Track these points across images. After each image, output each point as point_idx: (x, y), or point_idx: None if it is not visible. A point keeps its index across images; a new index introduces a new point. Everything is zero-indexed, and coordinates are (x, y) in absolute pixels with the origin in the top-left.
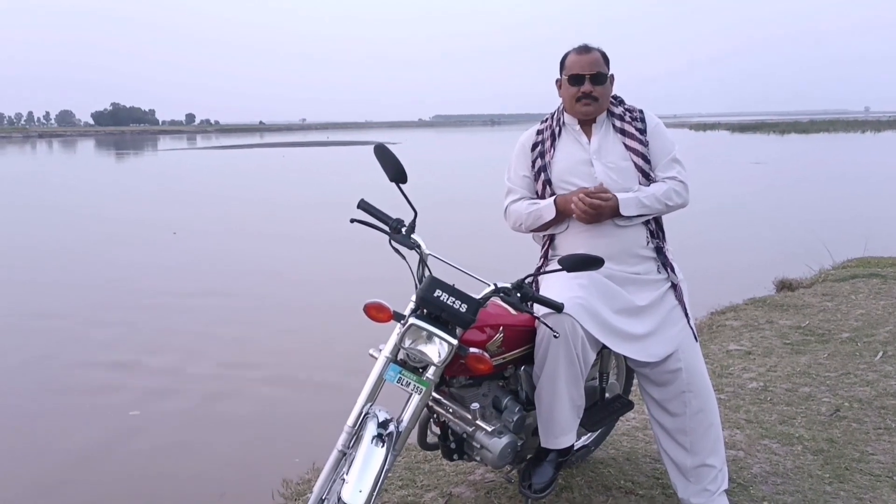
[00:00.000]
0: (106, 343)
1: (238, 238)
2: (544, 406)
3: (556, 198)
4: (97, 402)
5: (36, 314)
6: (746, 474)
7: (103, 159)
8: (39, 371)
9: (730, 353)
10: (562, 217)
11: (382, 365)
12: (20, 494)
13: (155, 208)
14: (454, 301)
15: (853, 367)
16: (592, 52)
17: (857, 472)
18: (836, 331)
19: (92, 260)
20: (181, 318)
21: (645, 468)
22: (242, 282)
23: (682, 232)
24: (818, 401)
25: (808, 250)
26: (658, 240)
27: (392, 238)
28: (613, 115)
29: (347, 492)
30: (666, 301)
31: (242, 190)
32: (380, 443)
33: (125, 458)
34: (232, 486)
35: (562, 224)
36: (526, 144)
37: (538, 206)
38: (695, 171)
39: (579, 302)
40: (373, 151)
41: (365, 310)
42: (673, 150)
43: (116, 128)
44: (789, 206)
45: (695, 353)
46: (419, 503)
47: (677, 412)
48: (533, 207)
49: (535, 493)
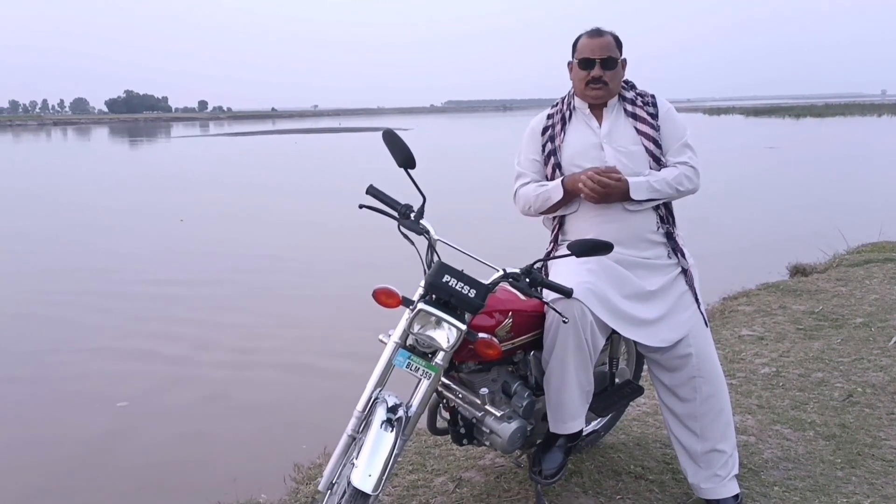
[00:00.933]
0: (113, 329)
1: (248, 224)
2: (553, 391)
3: (564, 178)
4: (106, 389)
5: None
6: (757, 459)
7: (116, 147)
8: (44, 357)
9: (742, 338)
10: (570, 197)
11: (391, 350)
12: (29, 484)
13: (167, 195)
14: (463, 286)
15: (866, 352)
16: (605, 36)
17: (870, 458)
18: (850, 316)
19: (96, 247)
20: (188, 304)
21: (655, 453)
22: (252, 268)
23: (695, 216)
24: (831, 386)
25: (823, 235)
26: (668, 225)
27: (401, 223)
28: (625, 100)
29: (357, 476)
30: (676, 286)
31: (255, 177)
32: (389, 427)
33: (136, 446)
34: (244, 472)
35: (571, 205)
36: (536, 128)
37: (546, 188)
38: (708, 156)
39: (588, 287)
40: (381, 137)
41: (374, 295)
42: (685, 135)
43: (130, 115)
44: (803, 191)
45: (705, 339)
46: (429, 487)
47: (687, 397)
48: (541, 189)
49: (546, 478)
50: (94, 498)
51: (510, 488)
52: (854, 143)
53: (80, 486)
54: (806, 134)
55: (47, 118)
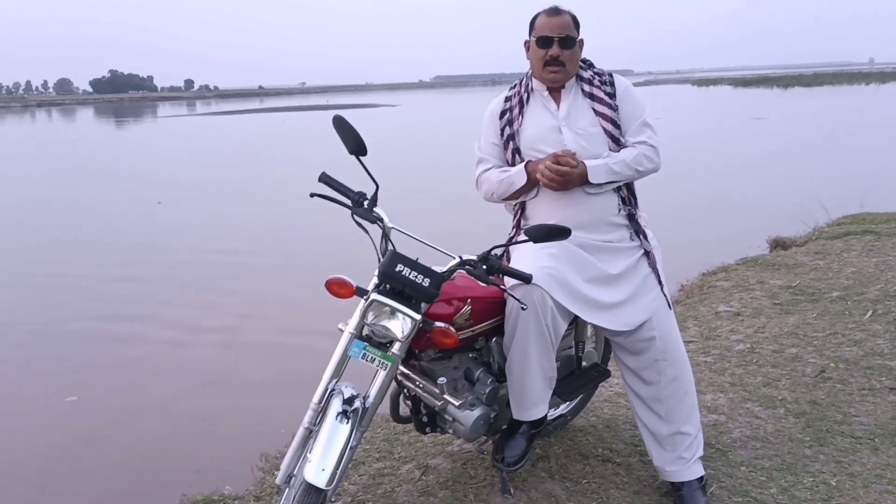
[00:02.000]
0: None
1: (231, 204)
2: (515, 378)
3: (527, 164)
4: (55, 382)
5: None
6: (726, 439)
7: (102, 128)
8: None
9: (719, 314)
10: (534, 183)
11: (346, 341)
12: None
13: (155, 175)
14: (416, 275)
15: (841, 326)
16: (563, 15)
17: (839, 435)
18: (827, 290)
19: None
20: (146, 286)
21: (624, 436)
22: (212, 257)
23: (676, 191)
24: (804, 362)
25: (805, 207)
26: (630, 206)
27: (354, 212)
28: (582, 80)
29: (310, 470)
30: (639, 269)
31: (239, 155)
32: (344, 419)
33: (93, 439)
34: (210, 462)
35: (532, 191)
36: (494, 112)
37: (509, 174)
38: (693, 128)
39: (549, 272)
40: (332, 123)
41: (327, 286)
42: (643, 113)
43: (115, 95)
44: (787, 163)
45: (669, 321)
46: (396, 475)
47: (652, 380)
48: (504, 175)
49: (508, 465)
50: (50, 495)
51: (476, 475)
52: (841, 112)
53: (33, 482)
54: (793, 104)
55: (31, 100)
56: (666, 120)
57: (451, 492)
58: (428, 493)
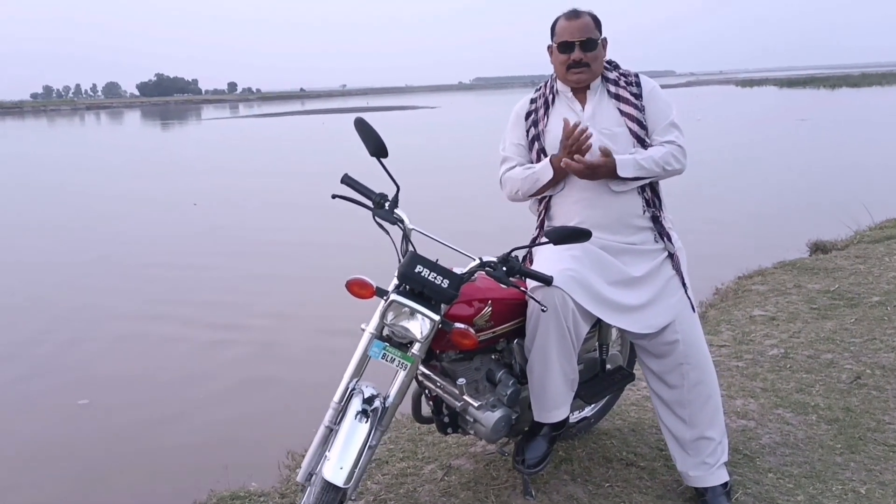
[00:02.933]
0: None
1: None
2: (536, 380)
3: (552, 157)
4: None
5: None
6: (755, 445)
7: (148, 130)
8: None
9: (753, 318)
10: (560, 177)
11: (367, 341)
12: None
13: (196, 179)
14: (436, 277)
15: (880, 332)
16: (582, 17)
17: (871, 443)
18: (866, 295)
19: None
20: (189, 286)
21: (649, 439)
22: (245, 253)
23: (715, 192)
24: (839, 367)
25: (849, 210)
26: (654, 208)
27: (375, 213)
28: (608, 81)
29: (329, 469)
30: (663, 271)
31: (279, 160)
32: (364, 419)
33: (127, 428)
34: (237, 459)
35: (558, 185)
36: (520, 113)
37: (534, 170)
38: (735, 130)
39: (570, 274)
40: (353, 125)
41: (347, 286)
42: (670, 114)
43: (161, 98)
44: (832, 165)
45: (693, 325)
46: (418, 475)
47: (675, 384)
48: (528, 172)
49: (529, 467)
50: (79, 488)
51: (498, 476)
52: (889, 113)
53: (62, 476)
54: (840, 105)
55: (80, 103)
56: (707, 121)
57: (472, 493)
58: (450, 493)
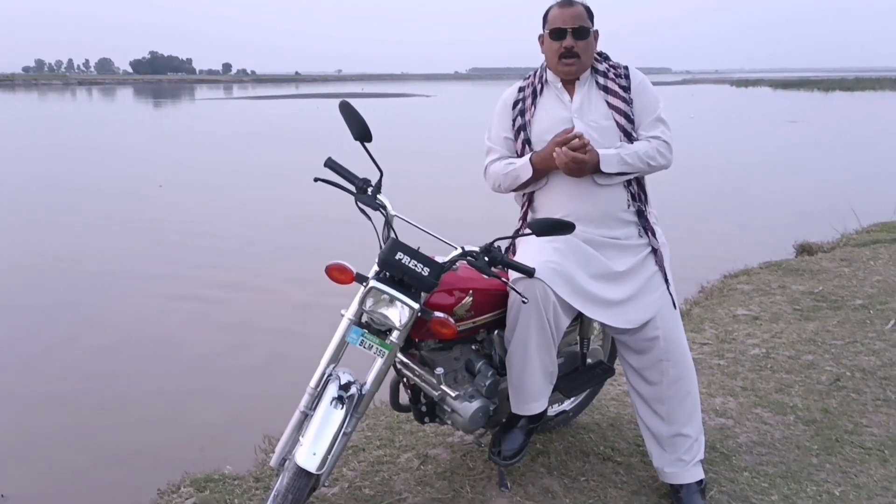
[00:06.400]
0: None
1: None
2: (515, 372)
3: (532, 156)
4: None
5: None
6: (732, 443)
7: (139, 111)
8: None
9: (736, 317)
10: (540, 175)
11: (345, 327)
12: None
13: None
14: (416, 264)
15: (861, 335)
16: (575, 6)
17: (848, 445)
18: (850, 297)
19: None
20: (170, 279)
21: (627, 435)
22: (223, 231)
23: (704, 190)
24: (819, 369)
25: (837, 213)
26: (640, 203)
27: (357, 199)
28: (597, 72)
29: (301, 454)
30: (645, 266)
31: (271, 142)
32: (339, 405)
33: (99, 411)
34: (213, 441)
35: (540, 181)
36: (507, 102)
37: (514, 167)
38: (726, 129)
39: (552, 266)
40: (338, 108)
41: (327, 271)
42: (658, 108)
43: (154, 76)
44: (822, 167)
45: (674, 321)
46: (395, 463)
47: (654, 380)
48: (509, 168)
49: (505, 459)
50: (54, 470)
51: (475, 467)
52: (881, 117)
53: (38, 457)
54: (832, 108)
55: (72, 78)
56: (700, 119)
57: (448, 482)
58: (425, 482)
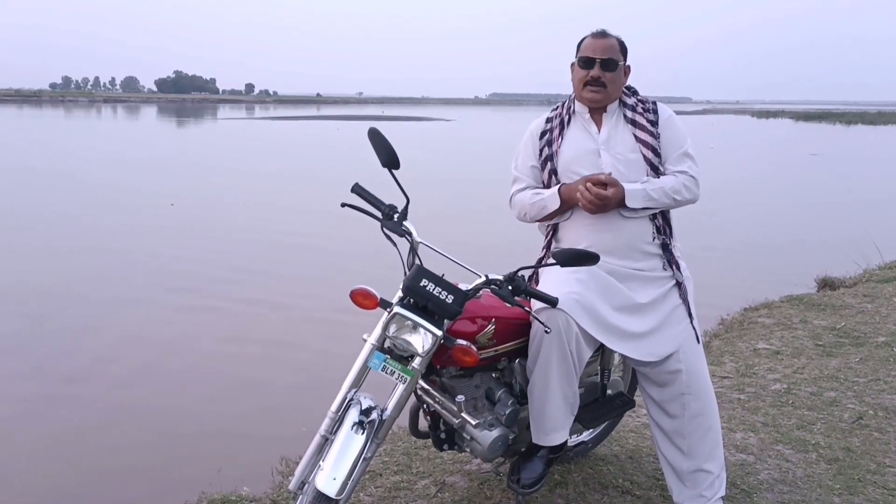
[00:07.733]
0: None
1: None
2: (536, 402)
3: (561, 187)
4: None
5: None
6: (753, 480)
7: (163, 129)
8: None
9: (757, 351)
10: (567, 207)
11: (367, 352)
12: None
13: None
14: (440, 291)
15: (884, 373)
16: (609, 38)
17: (871, 485)
18: (872, 334)
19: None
20: (191, 290)
21: (647, 468)
22: (248, 258)
23: (725, 223)
24: (842, 407)
25: (860, 248)
26: (664, 236)
27: (383, 225)
28: (625, 106)
29: (322, 479)
30: (669, 299)
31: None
32: (360, 430)
33: (119, 432)
34: (231, 462)
35: (565, 214)
36: (535, 132)
37: (542, 197)
38: (746, 162)
39: (575, 297)
40: (367, 135)
41: (351, 296)
42: (685, 143)
43: (178, 95)
44: (842, 200)
45: (697, 355)
46: (412, 489)
47: (676, 414)
48: (537, 198)
49: (524, 488)
50: (72, 488)
51: (492, 495)
52: None
53: (58, 473)
54: (854, 141)
55: (98, 95)
56: (719, 150)
57: None
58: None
